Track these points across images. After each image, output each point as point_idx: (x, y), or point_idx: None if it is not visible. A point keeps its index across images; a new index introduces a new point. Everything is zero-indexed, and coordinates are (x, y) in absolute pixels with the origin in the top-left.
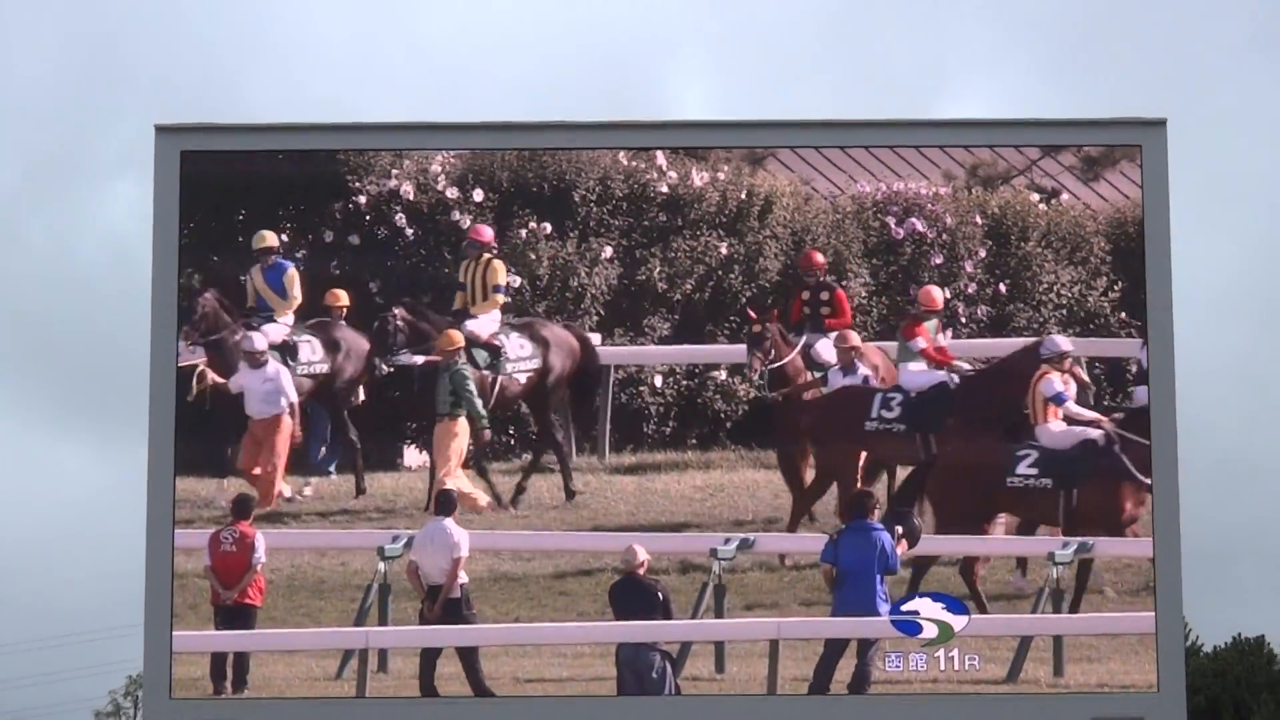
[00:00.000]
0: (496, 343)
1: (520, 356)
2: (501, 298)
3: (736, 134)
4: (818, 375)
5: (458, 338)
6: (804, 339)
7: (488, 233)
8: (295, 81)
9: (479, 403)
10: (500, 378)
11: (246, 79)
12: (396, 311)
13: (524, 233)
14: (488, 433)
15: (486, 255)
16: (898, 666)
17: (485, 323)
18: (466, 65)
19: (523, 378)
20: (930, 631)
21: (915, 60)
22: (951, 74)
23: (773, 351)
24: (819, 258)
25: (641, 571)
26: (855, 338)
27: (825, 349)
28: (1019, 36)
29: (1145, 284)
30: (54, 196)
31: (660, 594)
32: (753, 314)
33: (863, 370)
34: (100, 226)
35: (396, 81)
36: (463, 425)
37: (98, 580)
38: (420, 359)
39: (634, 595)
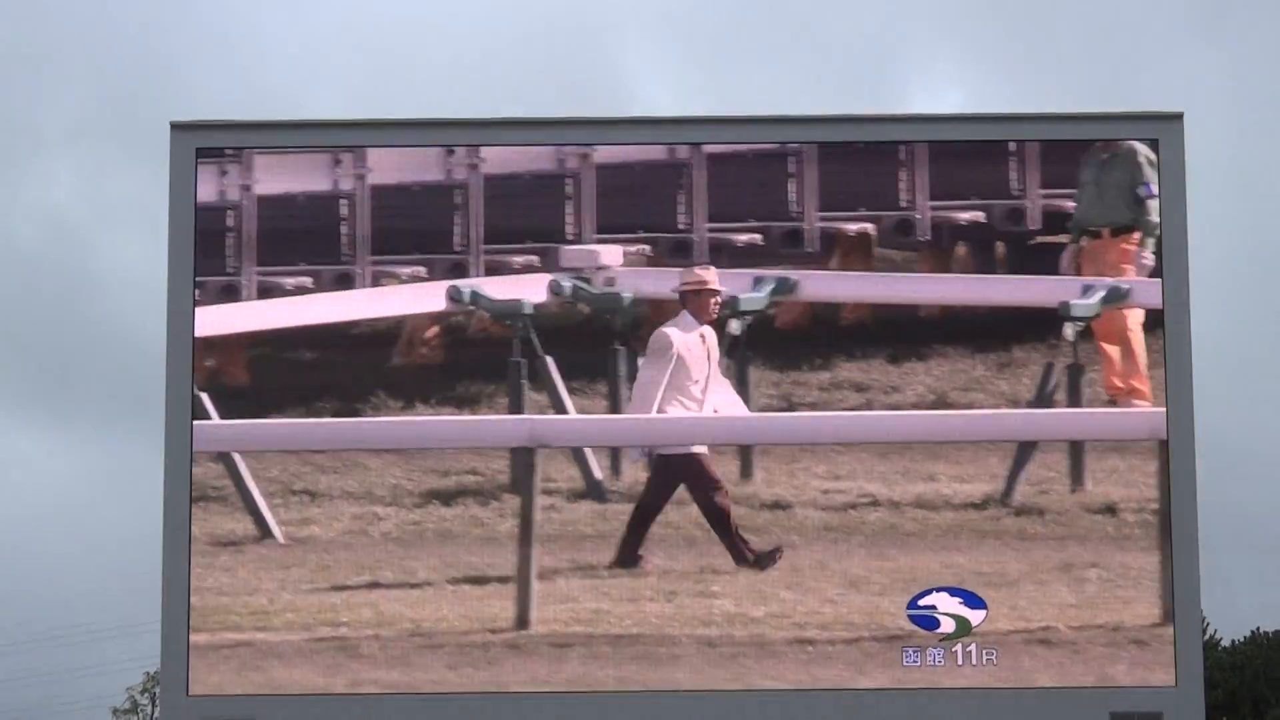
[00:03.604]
0: None
1: None
2: None
3: (758, 129)
4: None
5: None
6: None
7: None
8: (232, 52)
9: None
10: None
11: (188, 58)
12: None
13: None
14: None
15: None
16: (915, 661)
17: None
18: (405, 49)
19: None
20: (947, 626)
21: (867, 43)
22: (901, 57)
23: None
24: None
25: None
26: None
27: None
28: (966, 21)
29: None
30: None
31: None
32: None
33: None
34: (39, 205)
35: (334, 68)
36: None
37: (77, 570)
38: None
39: None
